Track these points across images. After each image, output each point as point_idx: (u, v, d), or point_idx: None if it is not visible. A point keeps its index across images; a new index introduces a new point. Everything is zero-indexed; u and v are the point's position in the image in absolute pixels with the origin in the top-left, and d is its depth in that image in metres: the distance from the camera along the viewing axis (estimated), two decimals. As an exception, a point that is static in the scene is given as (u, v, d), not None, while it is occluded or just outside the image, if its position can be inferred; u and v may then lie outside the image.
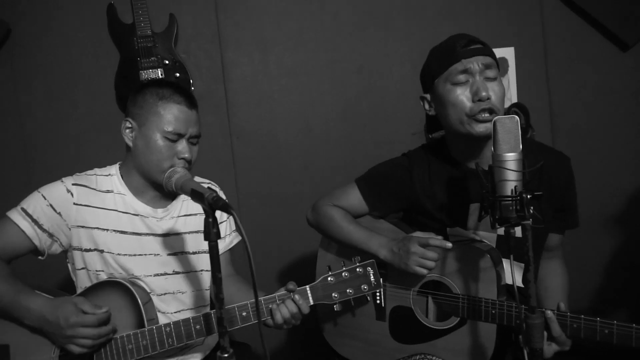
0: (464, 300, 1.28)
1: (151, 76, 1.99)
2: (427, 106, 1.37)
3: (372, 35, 2.22)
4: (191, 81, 2.05)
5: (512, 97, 2.31)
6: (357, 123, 2.25)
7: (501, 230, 1.30)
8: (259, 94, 2.19)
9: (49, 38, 2.04)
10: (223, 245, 1.44)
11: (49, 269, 1.49)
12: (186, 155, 1.26)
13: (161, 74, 1.99)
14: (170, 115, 1.25)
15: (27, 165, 2.05)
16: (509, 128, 0.97)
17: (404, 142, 2.29)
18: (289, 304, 1.19)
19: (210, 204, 0.89)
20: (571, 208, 1.39)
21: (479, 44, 1.26)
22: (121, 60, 2.00)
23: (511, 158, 0.96)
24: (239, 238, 1.51)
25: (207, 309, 1.39)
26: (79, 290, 1.28)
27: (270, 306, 1.20)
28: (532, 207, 0.93)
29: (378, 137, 2.26)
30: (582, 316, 1.12)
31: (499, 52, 2.29)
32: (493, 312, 1.21)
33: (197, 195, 0.95)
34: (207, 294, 1.41)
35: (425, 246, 1.25)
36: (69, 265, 1.33)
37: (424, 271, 1.27)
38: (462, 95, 1.23)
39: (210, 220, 0.87)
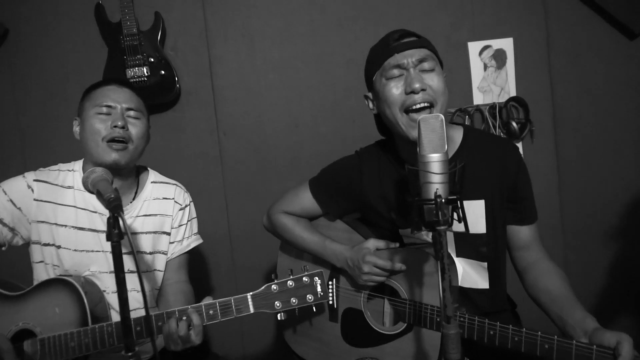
0: (410, 305, 1.24)
1: (137, 74, 2.02)
2: (371, 105, 1.33)
3: (361, 28, 2.17)
4: (176, 78, 2.08)
5: (511, 90, 2.20)
6: (346, 118, 2.21)
7: (457, 227, 1.24)
8: (246, 90, 2.19)
9: (44, 38, 2.12)
10: (179, 248, 1.45)
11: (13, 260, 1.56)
12: (118, 123, 1.29)
13: (147, 72, 2.03)
14: (101, 94, 1.33)
15: (24, 161, 2.15)
16: (434, 127, 0.92)
17: (393, 137, 2.24)
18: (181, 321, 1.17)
19: (106, 205, 0.90)
20: (527, 198, 1.29)
21: (413, 37, 1.22)
22: (109, 58, 2.05)
23: (435, 159, 0.91)
24: (199, 241, 1.52)
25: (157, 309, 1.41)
26: (35, 283, 1.32)
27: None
28: (456, 212, 0.88)
29: (367, 132, 2.17)
30: (524, 329, 1.07)
31: (496, 43, 2.19)
32: (438, 319, 1.17)
33: (99, 195, 0.96)
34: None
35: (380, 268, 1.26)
36: (30, 257, 1.37)
37: (372, 284, 1.28)
38: (395, 89, 1.19)
39: (111, 221, 0.88)
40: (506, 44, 2.18)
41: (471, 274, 1.28)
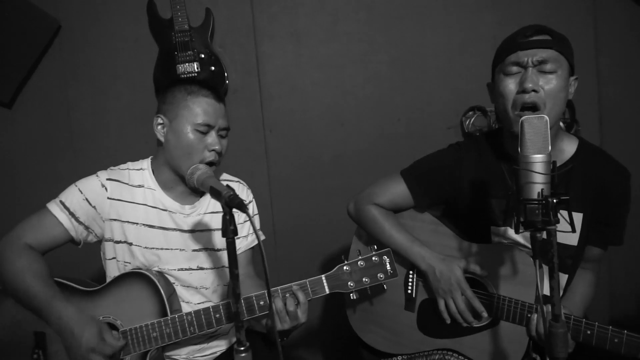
0: (500, 300, 1.25)
1: (187, 70, 2.04)
2: (490, 95, 1.34)
3: (408, 27, 2.17)
4: (226, 74, 2.09)
5: (557, 90, 2.19)
6: (391, 117, 2.21)
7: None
8: (292, 87, 2.20)
9: (95, 34, 2.14)
10: (245, 244, 1.46)
11: (82, 258, 1.57)
12: (216, 147, 1.29)
13: (197, 68, 2.04)
14: (199, 108, 1.30)
15: (73, 154, 2.17)
16: (537, 128, 0.92)
17: (438, 136, 2.23)
18: (288, 298, 1.19)
19: (227, 202, 0.91)
20: (618, 224, 1.31)
21: (544, 35, 1.20)
22: (160, 54, 2.07)
23: (539, 160, 0.91)
24: (262, 237, 1.51)
25: None
26: (108, 279, 1.34)
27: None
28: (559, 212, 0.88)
29: (411, 131, 2.21)
30: (597, 323, 1.11)
31: (543, 42, 2.17)
32: (529, 315, 1.19)
33: (215, 192, 0.97)
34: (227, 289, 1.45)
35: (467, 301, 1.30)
36: (101, 254, 1.39)
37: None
38: (510, 86, 1.21)
39: (228, 217, 0.89)
40: (554, 44, 2.17)
41: (546, 282, 1.29)
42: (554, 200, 0.86)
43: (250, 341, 1.40)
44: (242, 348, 0.92)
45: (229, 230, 0.89)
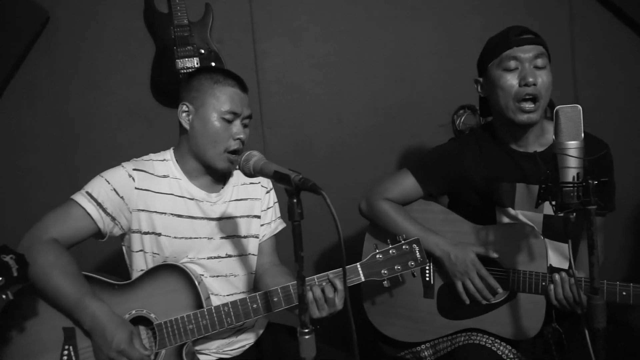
0: (515, 274, 1.34)
1: (187, 65, 2.01)
2: (479, 88, 1.48)
3: (402, 27, 2.25)
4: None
5: (538, 90, 2.33)
6: (386, 114, 2.28)
7: (547, 210, 1.37)
8: (290, 85, 2.22)
9: (87, 26, 2.06)
10: (269, 230, 1.48)
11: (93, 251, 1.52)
12: (241, 136, 1.32)
13: (197, 63, 2.01)
14: (226, 96, 1.32)
15: (63, 151, 2.08)
16: (571, 117, 1.02)
17: (431, 134, 2.32)
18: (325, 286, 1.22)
19: (297, 185, 0.93)
20: (611, 192, 1.45)
21: (531, 34, 1.37)
22: (157, 49, 2.02)
23: (573, 146, 1.00)
24: (284, 225, 1.54)
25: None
26: (133, 273, 1.32)
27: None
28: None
29: (406, 129, 2.29)
30: (605, 280, 1.23)
31: (525, 46, 2.32)
32: (543, 284, 1.30)
33: (281, 177, 0.98)
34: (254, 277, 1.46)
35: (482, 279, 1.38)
36: (123, 247, 1.36)
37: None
38: (511, 81, 1.34)
39: (295, 201, 0.91)
40: (534, 47, 2.32)
41: (552, 256, 1.39)
42: (595, 182, 0.94)
43: (273, 334, 1.43)
44: (306, 330, 0.94)
45: (296, 213, 0.91)
